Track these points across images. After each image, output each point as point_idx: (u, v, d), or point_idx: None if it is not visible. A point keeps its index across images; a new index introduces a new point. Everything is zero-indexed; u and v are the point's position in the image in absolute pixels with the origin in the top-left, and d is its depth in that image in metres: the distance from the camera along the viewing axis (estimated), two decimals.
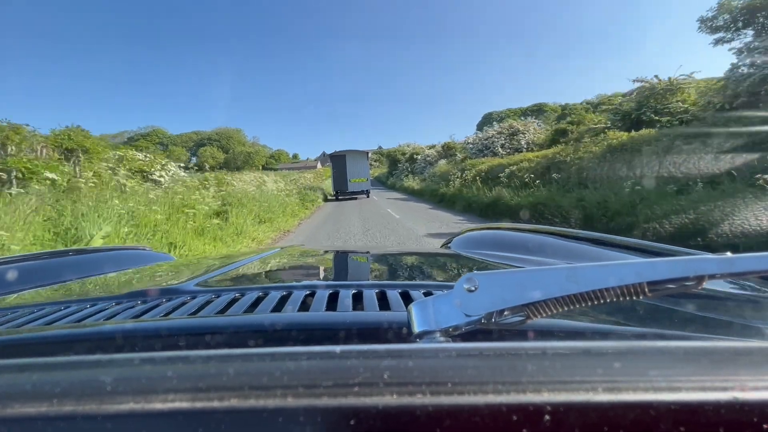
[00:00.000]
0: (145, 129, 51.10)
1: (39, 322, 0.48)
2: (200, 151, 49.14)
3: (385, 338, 0.37)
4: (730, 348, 0.24)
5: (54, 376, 0.22)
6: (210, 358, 0.23)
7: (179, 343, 0.37)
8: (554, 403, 0.20)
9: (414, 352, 0.24)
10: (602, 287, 0.29)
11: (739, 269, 0.28)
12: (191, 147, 52.14)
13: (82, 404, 0.20)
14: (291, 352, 0.23)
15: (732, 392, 0.20)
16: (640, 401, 0.20)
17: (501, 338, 0.35)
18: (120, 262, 1.16)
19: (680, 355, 0.23)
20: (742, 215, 4.25)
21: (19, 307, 0.57)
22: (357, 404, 0.20)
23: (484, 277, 0.31)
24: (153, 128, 51.51)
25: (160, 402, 0.20)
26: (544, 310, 0.30)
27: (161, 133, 51.01)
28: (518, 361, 0.22)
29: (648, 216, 5.19)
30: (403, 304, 0.47)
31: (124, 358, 0.24)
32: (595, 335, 0.38)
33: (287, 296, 0.50)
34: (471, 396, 0.20)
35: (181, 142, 51.06)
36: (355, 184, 19.99)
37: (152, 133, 50.45)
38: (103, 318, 0.47)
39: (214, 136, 51.12)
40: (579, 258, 0.85)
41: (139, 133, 49.71)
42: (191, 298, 0.53)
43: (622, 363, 0.22)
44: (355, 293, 0.51)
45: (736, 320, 0.52)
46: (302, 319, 0.42)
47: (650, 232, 4.86)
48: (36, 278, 0.89)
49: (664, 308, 0.52)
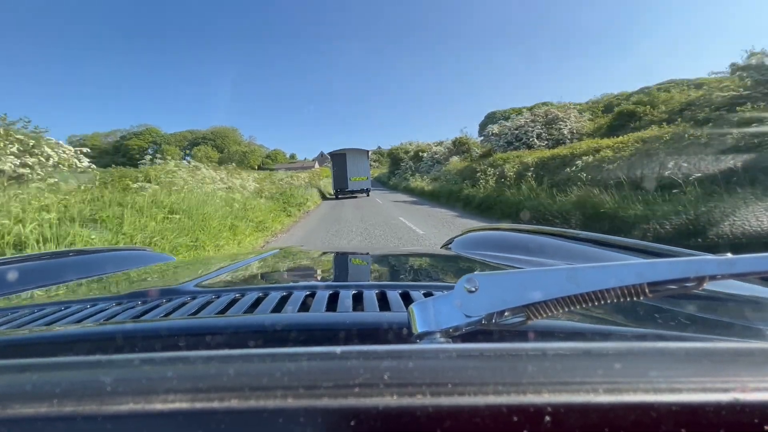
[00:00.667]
0: (138, 127, 50.31)
1: (39, 322, 0.48)
2: (194, 150, 48.42)
3: (385, 339, 0.37)
4: (731, 349, 0.24)
5: (54, 376, 0.22)
6: (210, 359, 0.23)
7: (179, 344, 0.37)
8: (555, 404, 0.20)
9: (414, 352, 0.24)
10: (603, 288, 0.29)
11: (740, 270, 0.28)
12: (185, 146, 51.41)
13: (82, 405, 0.20)
14: (291, 353, 0.23)
15: (733, 393, 0.20)
16: (641, 402, 0.20)
17: (501, 339, 0.35)
18: (120, 262, 1.16)
19: (681, 356, 0.23)
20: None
21: (19, 307, 0.57)
22: (357, 405, 0.20)
23: (485, 278, 0.31)
24: (146, 127, 50.85)
25: (161, 402, 0.20)
26: (545, 311, 0.29)
27: (155, 131, 50.36)
28: (519, 362, 0.22)
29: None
30: (403, 304, 0.46)
31: (124, 359, 0.24)
32: (596, 336, 0.38)
33: (287, 297, 0.50)
34: (471, 397, 0.20)
35: (174, 141, 50.24)
36: (356, 183, 19.79)
37: (145, 131, 49.74)
38: (104, 318, 0.47)
39: (209, 135, 50.42)
40: (579, 259, 0.85)
41: (131, 132, 48.86)
42: (191, 298, 0.53)
43: (622, 364, 0.22)
44: (355, 294, 0.51)
45: (737, 321, 0.52)
46: (302, 320, 0.42)
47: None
48: (37, 278, 0.89)
49: (664, 309, 0.52)
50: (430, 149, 25.10)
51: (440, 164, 20.23)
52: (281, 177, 19.03)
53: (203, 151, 47.55)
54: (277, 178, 17.97)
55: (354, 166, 19.90)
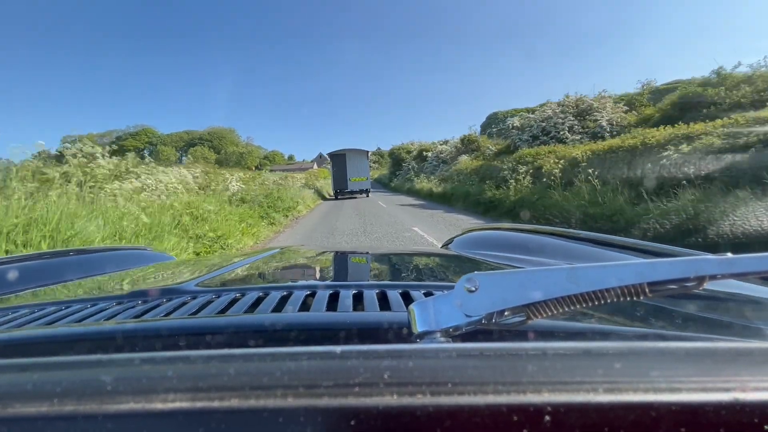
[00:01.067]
0: (134, 128, 49.36)
1: (40, 321, 0.48)
2: (191, 150, 47.51)
3: (385, 338, 0.37)
4: (731, 348, 0.24)
5: (55, 375, 0.22)
6: (210, 358, 0.23)
7: (180, 343, 0.37)
8: (555, 403, 0.20)
9: (414, 352, 0.24)
10: (603, 288, 0.29)
11: (740, 270, 0.28)
12: (182, 147, 50.09)
13: (82, 404, 0.20)
14: (291, 353, 0.23)
15: (733, 393, 0.20)
16: (641, 402, 0.20)
17: (501, 339, 0.35)
18: (121, 262, 1.16)
19: (681, 355, 0.23)
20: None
21: (20, 306, 0.57)
22: (357, 404, 0.20)
23: (485, 278, 0.31)
24: (143, 127, 49.89)
25: (161, 402, 0.20)
26: (545, 311, 0.30)
27: (151, 132, 49.47)
28: (518, 361, 0.22)
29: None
30: (403, 304, 0.46)
31: (124, 358, 0.24)
32: (596, 336, 0.38)
33: (287, 296, 0.50)
34: (471, 396, 0.20)
35: (171, 142, 49.25)
36: (355, 183, 19.71)
37: (141, 132, 48.82)
38: (104, 318, 0.47)
39: (206, 136, 49.45)
40: (579, 258, 0.85)
41: (127, 132, 47.88)
42: (192, 298, 0.53)
43: (622, 363, 0.22)
44: (355, 293, 0.51)
45: (737, 321, 0.52)
46: (303, 320, 0.42)
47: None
48: (37, 278, 0.89)
49: (664, 309, 0.52)
50: (435, 148, 23.57)
51: (446, 164, 18.94)
52: (271, 178, 16.61)
53: (200, 152, 46.41)
54: (265, 179, 15.35)
55: (354, 166, 19.83)
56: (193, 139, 50.01)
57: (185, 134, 51.03)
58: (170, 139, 50.49)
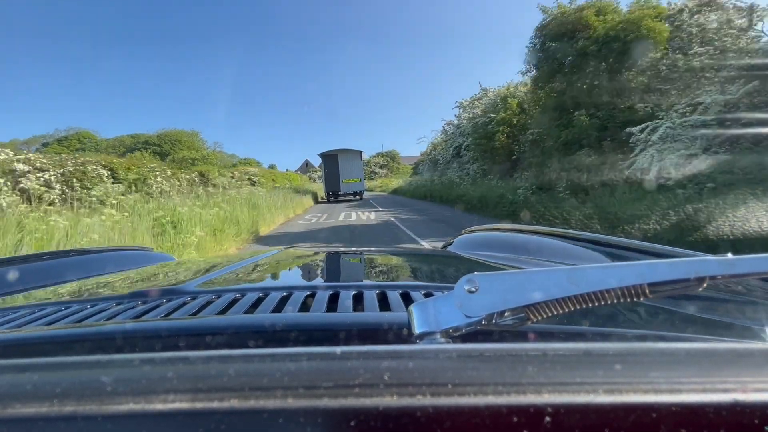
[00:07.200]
0: (65, 131, 42.01)
1: (40, 322, 0.48)
2: (128, 156, 40.28)
3: (385, 339, 0.37)
4: (731, 349, 0.24)
5: (54, 376, 0.22)
6: (210, 359, 0.23)
7: (179, 344, 0.37)
8: (555, 404, 0.20)
9: (414, 353, 0.24)
10: (603, 288, 0.29)
11: (740, 271, 0.28)
12: (122, 153, 43.15)
13: (82, 405, 0.20)
14: (291, 353, 0.23)
15: (733, 394, 0.20)
16: (641, 403, 0.20)
17: (501, 339, 0.35)
18: (121, 262, 1.16)
19: (681, 356, 0.23)
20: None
21: (20, 307, 0.57)
22: (357, 405, 0.20)
23: (485, 278, 0.31)
24: (77, 131, 42.52)
25: (161, 402, 0.20)
26: (545, 312, 0.29)
27: (87, 136, 42.10)
28: (519, 362, 0.22)
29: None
30: (403, 305, 0.46)
31: (124, 359, 0.24)
32: (596, 337, 0.38)
33: (287, 297, 0.50)
34: (471, 397, 0.20)
35: (108, 147, 40.32)
36: (348, 185, 19.13)
37: (74, 137, 41.41)
38: (104, 318, 0.47)
39: (155, 139, 41.46)
40: (579, 259, 0.85)
41: (55, 138, 40.27)
42: (192, 298, 0.53)
43: (622, 364, 0.22)
44: (355, 294, 0.51)
45: (737, 322, 0.52)
46: (302, 320, 0.42)
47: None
48: (37, 278, 0.89)
49: (664, 310, 0.52)
50: None
51: None
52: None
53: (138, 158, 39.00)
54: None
55: (346, 167, 19.19)
56: (137, 144, 41.11)
57: (129, 138, 42.78)
58: (109, 144, 42.03)
